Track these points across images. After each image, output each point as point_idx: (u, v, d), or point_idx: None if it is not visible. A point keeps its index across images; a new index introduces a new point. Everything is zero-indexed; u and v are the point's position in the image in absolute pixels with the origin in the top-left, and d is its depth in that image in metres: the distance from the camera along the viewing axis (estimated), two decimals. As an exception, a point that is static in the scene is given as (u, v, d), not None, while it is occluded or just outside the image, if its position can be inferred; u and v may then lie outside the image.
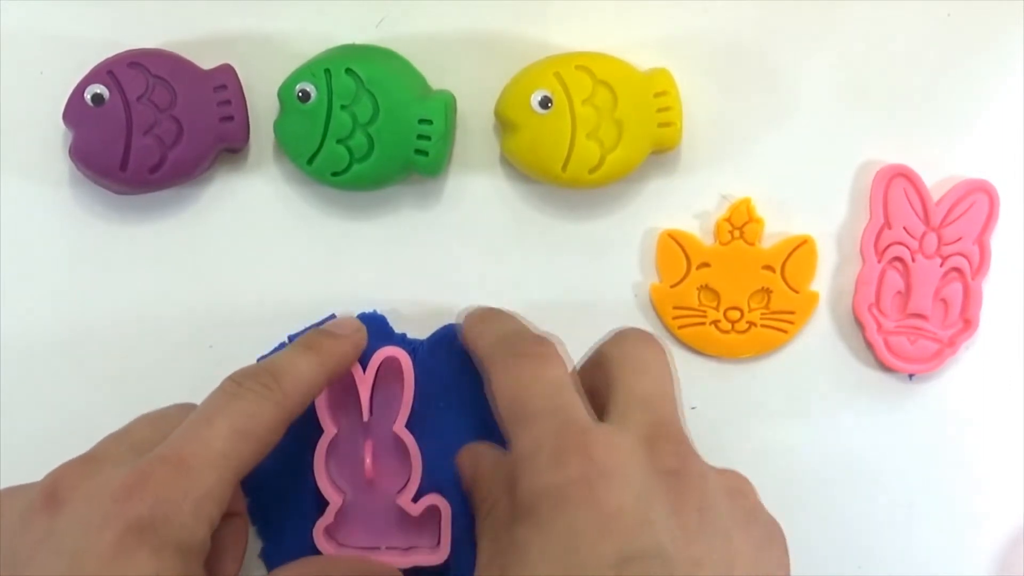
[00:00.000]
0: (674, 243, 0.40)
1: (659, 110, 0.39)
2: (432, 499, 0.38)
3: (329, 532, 0.38)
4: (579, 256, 0.41)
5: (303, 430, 0.38)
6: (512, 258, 0.41)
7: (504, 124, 0.39)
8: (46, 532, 0.30)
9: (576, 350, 0.40)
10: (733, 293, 0.40)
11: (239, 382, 0.33)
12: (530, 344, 0.34)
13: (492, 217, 0.41)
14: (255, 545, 0.40)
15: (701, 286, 0.40)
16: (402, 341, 0.40)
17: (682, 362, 0.41)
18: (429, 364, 0.39)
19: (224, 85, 0.39)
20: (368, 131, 0.38)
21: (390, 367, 0.38)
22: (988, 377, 0.41)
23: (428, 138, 0.38)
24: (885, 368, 0.41)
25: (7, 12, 0.40)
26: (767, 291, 0.40)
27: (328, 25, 0.40)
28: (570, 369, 0.35)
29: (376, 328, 0.40)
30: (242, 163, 0.41)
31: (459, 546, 0.38)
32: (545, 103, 0.38)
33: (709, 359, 0.41)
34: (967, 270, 0.40)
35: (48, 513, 0.31)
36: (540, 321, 0.40)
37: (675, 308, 0.41)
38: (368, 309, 0.40)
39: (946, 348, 0.41)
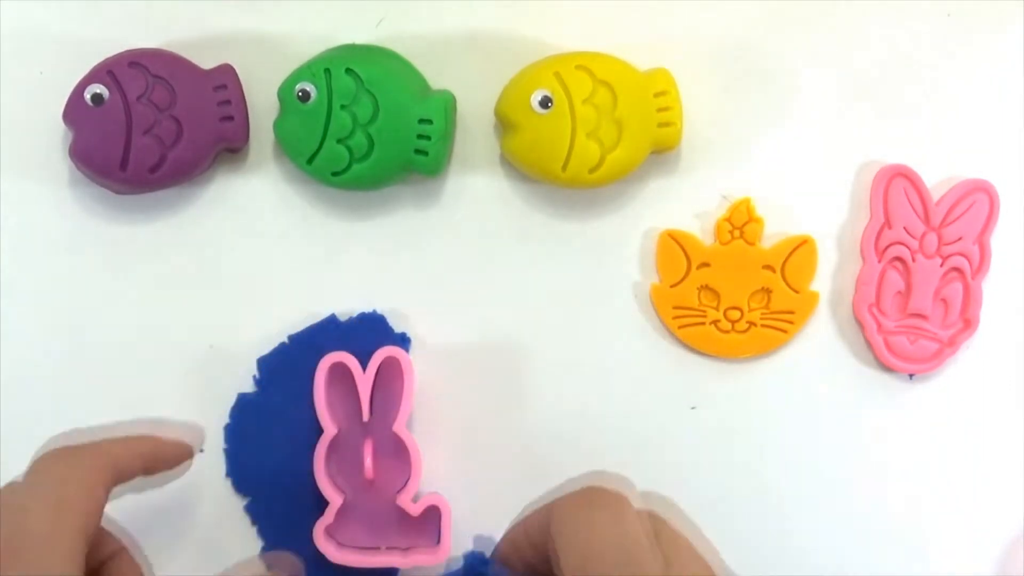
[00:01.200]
0: (674, 243, 0.40)
1: (659, 110, 0.39)
2: (432, 499, 0.38)
3: (329, 532, 0.38)
4: (579, 256, 0.41)
5: (303, 430, 0.38)
6: (512, 258, 0.41)
7: (504, 124, 0.39)
8: None
9: (576, 350, 0.40)
10: (733, 293, 0.40)
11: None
12: (603, 494, 0.33)
13: (492, 217, 0.41)
14: (255, 545, 0.40)
15: (701, 286, 0.40)
16: (402, 341, 0.40)
17: (682, 362, 0.41)
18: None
19: (224, 85, 0.39)
20: (368, 131, 0.38)
21: (390, 367, 0.38)
22: (988, 377, 0.41)
23: (428, 138, 0.38)
24: (885, 368, 0.41)
25: (7, 12, 0.40)
26: (767, 291, 0.40)
27: (328, 25, 0.40)
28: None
29: (376, 328, 0.40)
30: (242, 163, 0.41)
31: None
32: (545, 103, 0.38)
33: (709, 359, 0.41)
34: (967, 270, 0.40)
35: None
36: (540, 321, 0.40)
37: (675, 308, 0.41)
38: (368, 309, 0.40)
39: (946, 348, 0.41)
